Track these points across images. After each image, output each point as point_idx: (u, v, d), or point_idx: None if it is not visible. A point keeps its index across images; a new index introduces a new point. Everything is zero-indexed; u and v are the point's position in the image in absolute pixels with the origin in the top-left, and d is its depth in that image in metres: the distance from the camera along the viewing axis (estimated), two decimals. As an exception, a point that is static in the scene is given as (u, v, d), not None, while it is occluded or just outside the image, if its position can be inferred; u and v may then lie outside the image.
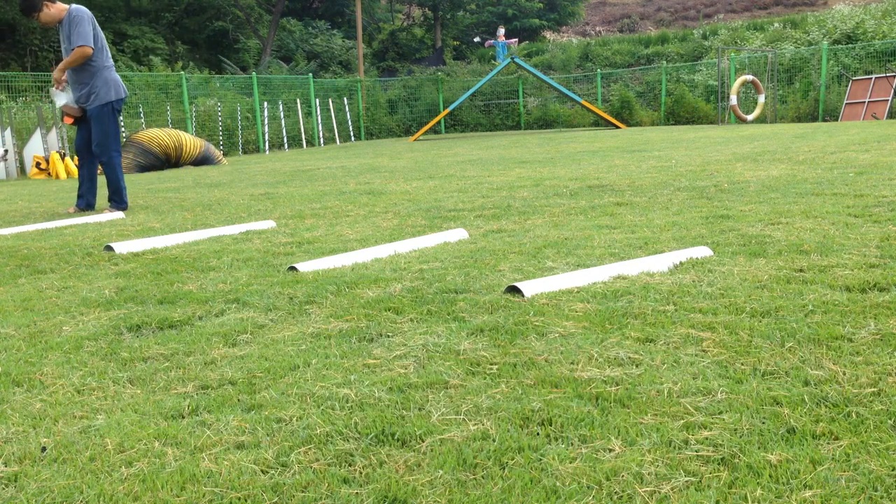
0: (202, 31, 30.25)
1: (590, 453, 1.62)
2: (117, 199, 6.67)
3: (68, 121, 6.69)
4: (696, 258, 3.35)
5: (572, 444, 1.66)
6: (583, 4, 38.33)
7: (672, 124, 20.51)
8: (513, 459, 1.61)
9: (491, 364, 2.18)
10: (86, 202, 6.79)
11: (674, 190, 5.89)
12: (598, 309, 2.65)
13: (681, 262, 3.28)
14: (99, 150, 6.58)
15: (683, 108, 20.94)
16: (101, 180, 6.93)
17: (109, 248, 4.37)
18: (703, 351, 2.20)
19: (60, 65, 6.51)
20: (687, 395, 1.89)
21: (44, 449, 1.75)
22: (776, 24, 24.53)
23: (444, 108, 22.86)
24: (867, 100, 16.98)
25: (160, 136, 13.43)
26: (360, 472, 1.58)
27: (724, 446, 1.62)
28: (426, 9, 36.34)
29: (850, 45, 19.08)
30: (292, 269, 3.59)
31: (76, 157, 7.00)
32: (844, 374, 1.97)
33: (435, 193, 6.67)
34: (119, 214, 6.25)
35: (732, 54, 20.50)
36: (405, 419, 1.83)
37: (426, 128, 21.05)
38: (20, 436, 1.85)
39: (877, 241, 3.52)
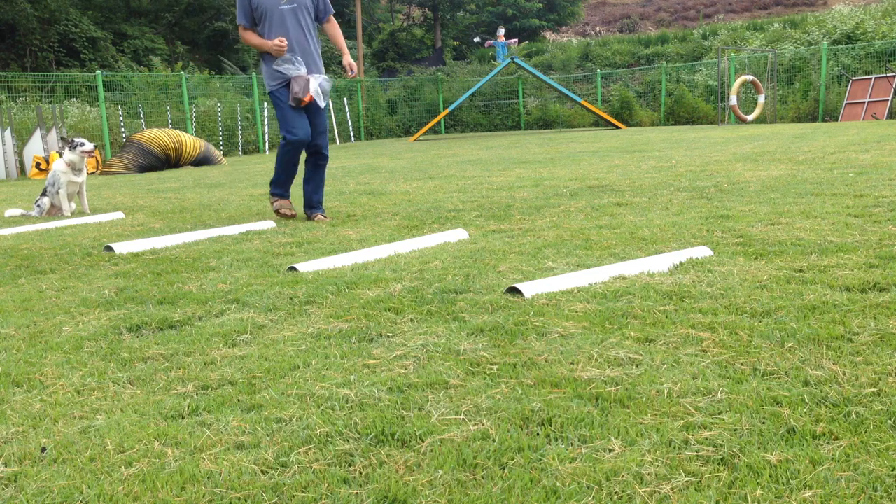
0: (202, 31, 30.23)
1: (590, 453, 1.62)
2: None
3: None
4: (696, 258, 3.35)
5: (572, 444, 1.66)
6: (582, 4, 38.33)
7: (672, 124, 20.51)
8: (513, 459, 1.61)
9: (491, 364, 2.18)
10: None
11: (674, 190, 5.89)
12: (598, 309, 2.65)
13: (681, 262, 3.28)
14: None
15: (683, 109, 20.94)
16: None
17: (109, 249, 4.37)
18: (703, 351, 2.20)
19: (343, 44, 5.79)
20: (687, 395, 1.89)
21: (44, 449, 1.75)
22: (776, 25, 24.53)
23: (444, 108, 22.85)
24: (867, 100, 16.97)
25: (160, 136, 13.43)
26: (360, 472, 1.58)
27: (724, 446, 1.61)
28: (426, 9, 36.34)
29: (850, 45, 19.08)
30: (292, 269, 3.59)
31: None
32: (844, 374, 1.97)
33: (435, 193, 6.66)
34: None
35: (732, 54, 20.49)
36: (405, 419, 1.82)
37: (426, 128, 21.04)
38: (20, 436, 1.85)
39: (876, 241, 3.52)
